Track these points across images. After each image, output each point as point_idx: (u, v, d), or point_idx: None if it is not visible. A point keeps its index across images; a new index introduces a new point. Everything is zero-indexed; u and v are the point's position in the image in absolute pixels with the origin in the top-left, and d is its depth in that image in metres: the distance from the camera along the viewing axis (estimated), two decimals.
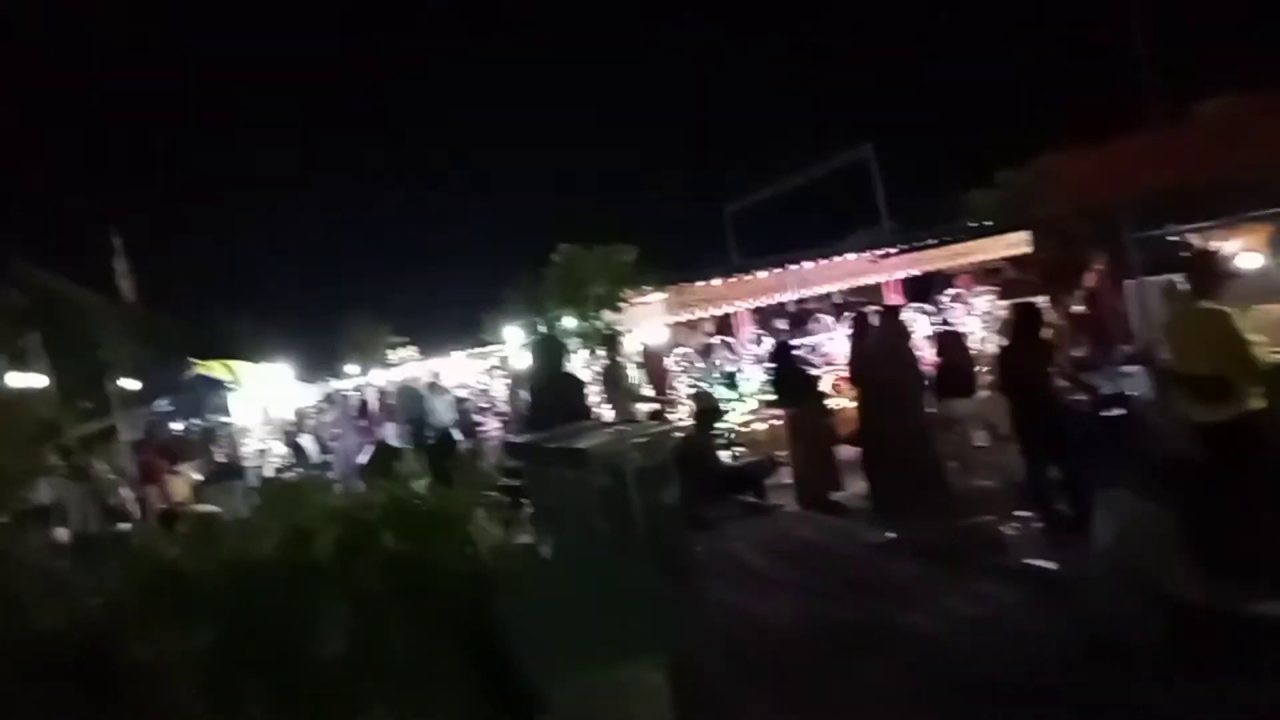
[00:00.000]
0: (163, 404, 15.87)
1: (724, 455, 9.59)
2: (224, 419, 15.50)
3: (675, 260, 11.69)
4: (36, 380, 18.32)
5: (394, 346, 47.02)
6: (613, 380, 10.29)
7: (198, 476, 12.89)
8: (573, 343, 12.20)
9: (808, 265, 10.81)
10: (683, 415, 10.11)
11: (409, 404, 17.63)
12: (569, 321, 13.97)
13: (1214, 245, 6.28)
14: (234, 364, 16.65)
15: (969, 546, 6.05)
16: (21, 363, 19.89)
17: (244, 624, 2.46)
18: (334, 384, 38.30)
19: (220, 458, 14.03)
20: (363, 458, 9.74)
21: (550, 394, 6.05)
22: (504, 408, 19.39)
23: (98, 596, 2.96)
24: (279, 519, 3.15)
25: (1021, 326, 6.71)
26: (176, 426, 16.01)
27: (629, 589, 3.01)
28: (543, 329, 10.80)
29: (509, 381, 17.74)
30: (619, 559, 3.39)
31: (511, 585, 2.59)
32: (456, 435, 17.31)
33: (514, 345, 22.79)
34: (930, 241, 11.59)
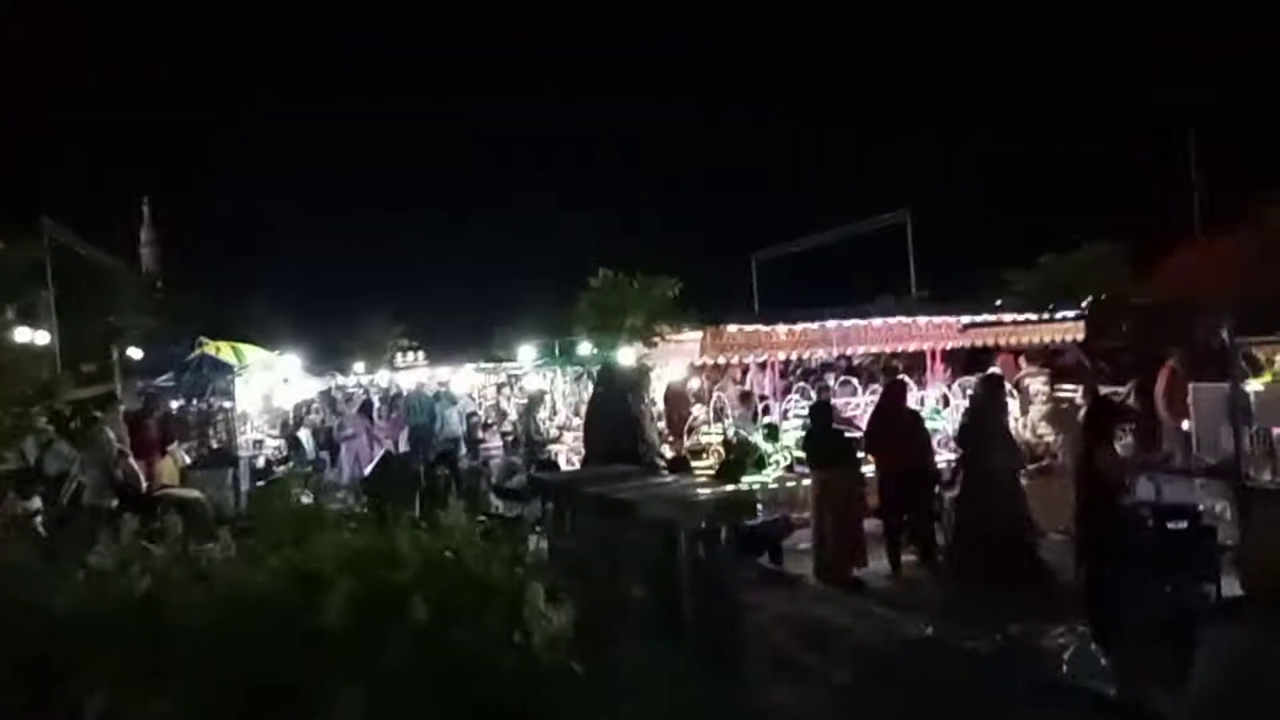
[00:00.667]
0: (164, 379, 15.39)
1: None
2: (224, 403, 15.00)
3: (697, 301, 11.22)
4: (41, 338, 17.91)
5: (404, 350, 46.74)
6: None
7: (187, 459, 12.34)
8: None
9: (849, 323, 10.33)
10: (710, 463, 9.57)
11: (419, 410, 17.07)
12: (585, 348, 13.52)
13: None
14: (243, 348, 16.22)
15: (1018, 658, 5.48)
16: (31, 319, 19.52)
17: (225, 693, 1.96)
18: (340, 379, 37.90)
19: (214, 443, 13.52)
20: (368, 465, 9.24)
21: (605, 428, 5.53)
22: (509, 427, 18.86)
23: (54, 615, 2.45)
24: (281, 546, 2.64)
25: (1099, 420, 6.18)
26: (174, 405, 15.50)
27: (673, 688, 2.48)
28: (608, 357, 10.33)
29: (522, 401, 17.17)
30: (663, 649, 2.87)
31: (566, 688, 2.08)
32: (461, 450, 16.81)
33: (529, 364, 22.32)
34: (1001, 317, 11.14)
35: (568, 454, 13.77)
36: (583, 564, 3.88)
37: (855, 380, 12.02)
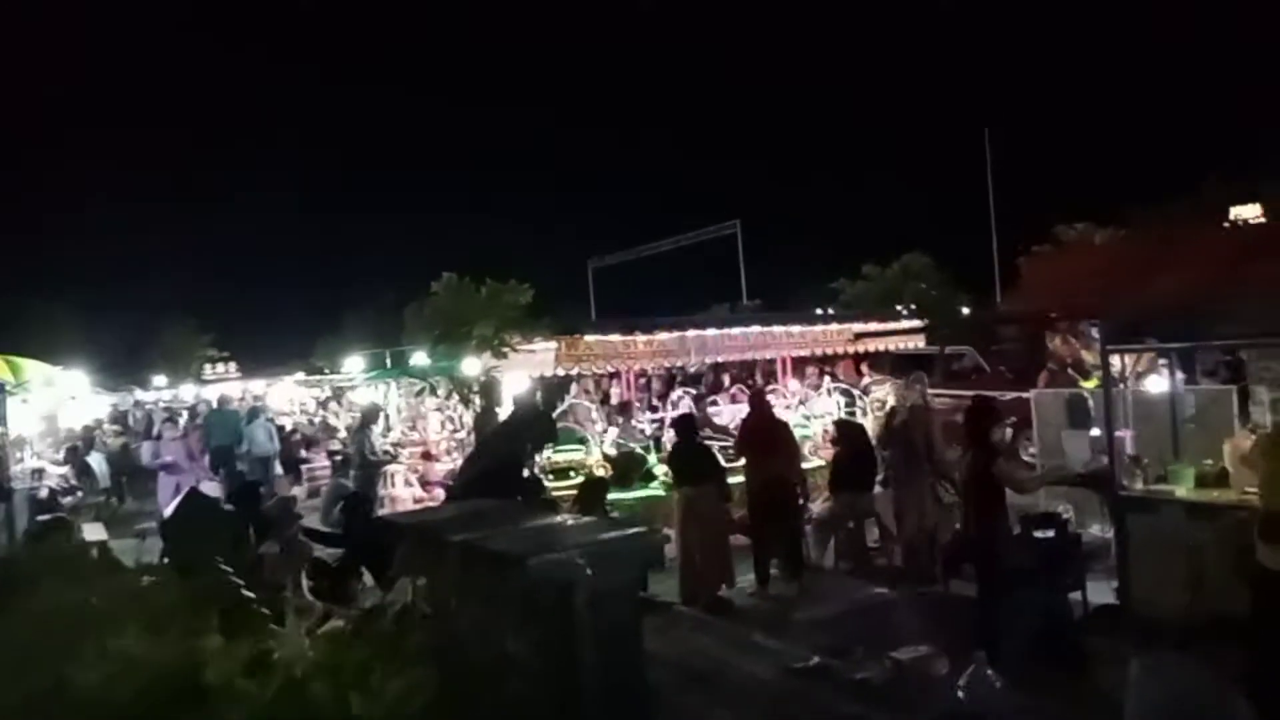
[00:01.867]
0: None
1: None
2: None
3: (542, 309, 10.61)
4: None
5: (212, 361, 43.00)
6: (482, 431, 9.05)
7: None
8: (438, 383, 10.86)
9: (711, 332, 10.02)
10: (574, 483, 8.92)
11: (220, 427, 15.13)
12: (420, 358, 12.55)
13: None
14: (19, 361, 14.04)
15: (912, 687, 5.19)
16: None
17: None
18: (139, 394, 34.43)
19: None
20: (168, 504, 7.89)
21: (488, 457, 4.78)
22: (337, 445, 17.42)
23: None
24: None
25: (976, 423, 6.05)
26: None
27: None
28: (489, 372, 9.43)
29: (354, 416, 15.88)
30: None
31: None
32: (277, 469, 15.11)
33: (359, 376, 20.82)
34: (893, 325, 11.21)
35: (405, 475, 12.76)
36: (454, 628, 3.17)
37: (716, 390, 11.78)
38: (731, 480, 8.50)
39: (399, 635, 2.31)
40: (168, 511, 6.74)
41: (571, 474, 9.05)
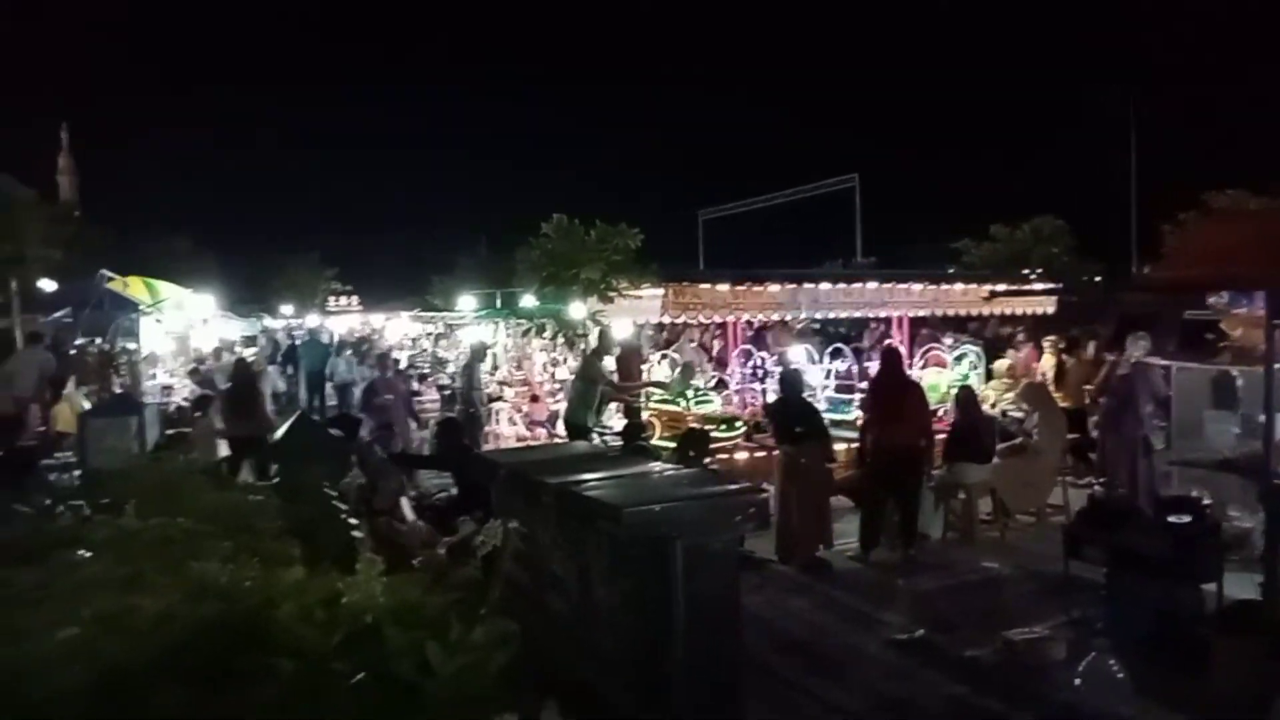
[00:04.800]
0: (60, 315, 13.95)
1: None
2: (130, 344, 13.65)
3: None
4: None
5: (336, 294, 44.84)
6: (589, 378, 8.92)
7: (86, 404, 11.10)
8: (545, 325, 10.85)
9: (825, 286, 9.60)
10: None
11: (311, 356, 15.88)
12: (529, 300, 12.55)
13: None
14: (157, 284, 14.83)
15: (1025, 671, 4.86)
16: None
17: None
18: (266, 321, 36.15)
19: (117, 387, 12.23)
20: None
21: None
22: (446, 380, 17.81)
23: None
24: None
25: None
26: (78, 343, 14.08)
27: None
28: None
29: (463, 353, 16.12)
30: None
31: None
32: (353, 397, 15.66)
33: (470, 315, 21.18)
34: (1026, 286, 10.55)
35: (510, 413, 12.89)
36: (539, 585, 3.05)
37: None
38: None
39: (483, 581, 2.16)
40: (278, 433, 6.91)
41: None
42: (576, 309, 10.06)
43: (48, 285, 15.77)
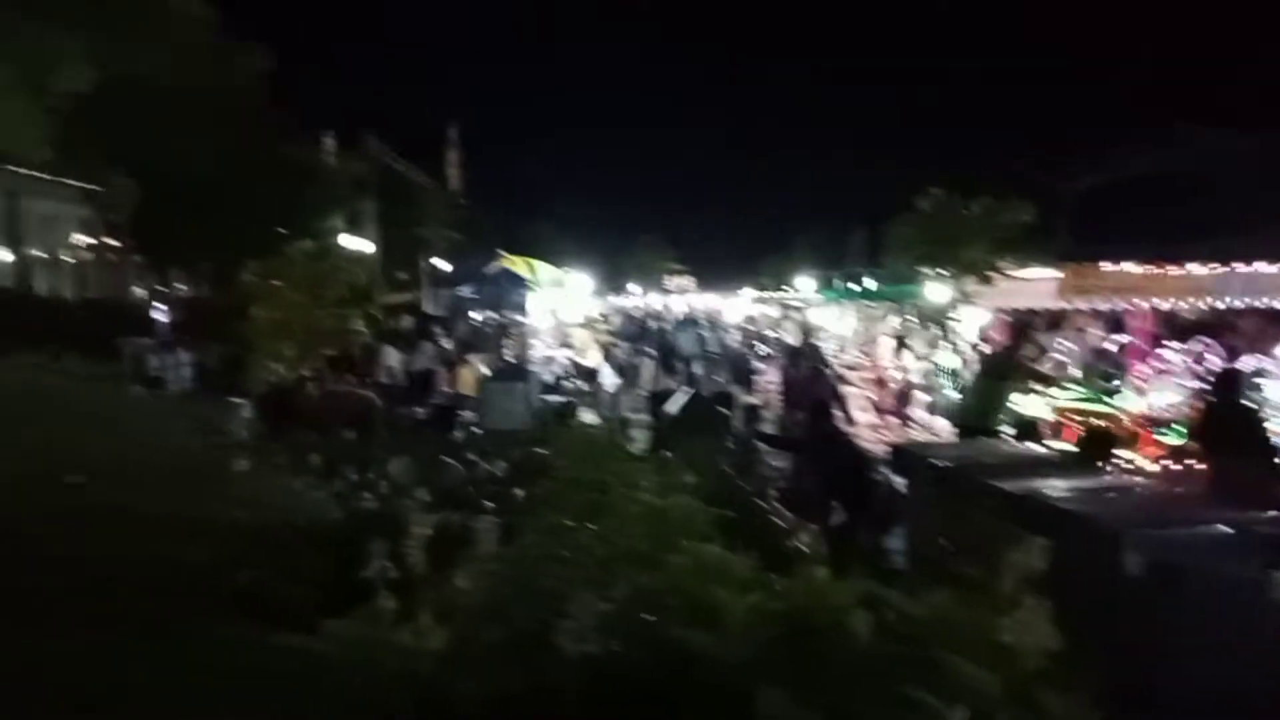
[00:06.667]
0: (465, 290, 15.89)
1: None
2: (519, 317, 15.21)
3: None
4: (364, 245, 19.24)
5: (675, 274, 47.20)
6: (1001, 375, 7.85)
7: (485, 371, 12.53)
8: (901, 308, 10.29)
9: (1269, 268, 8.02)
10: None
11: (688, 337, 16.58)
12: (870, 281, 11.93)
13: None
14: (536, 263, 16.38)
15: None
16: (356, 227, 21.23)
17: None
18: (614, 300, 38.83)
19: (509, 356, 13.65)
20: (671, 405, 8.36)
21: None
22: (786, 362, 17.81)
23: None
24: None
25: None
26: (475, 316, 15.99)
27: None
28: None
29: (808, 335, 15.96)
30: None
31: None
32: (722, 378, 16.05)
33: (812, 295, 20.97)
34: None
35: (859, 399, 12.51)
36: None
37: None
38: None
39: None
40: (673, 408, 7.18)
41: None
42: (936, 291, 9.39)
43: (443, 265, 18.15)
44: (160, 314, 16.85)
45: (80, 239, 20.75)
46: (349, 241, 18.15)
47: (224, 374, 12.37)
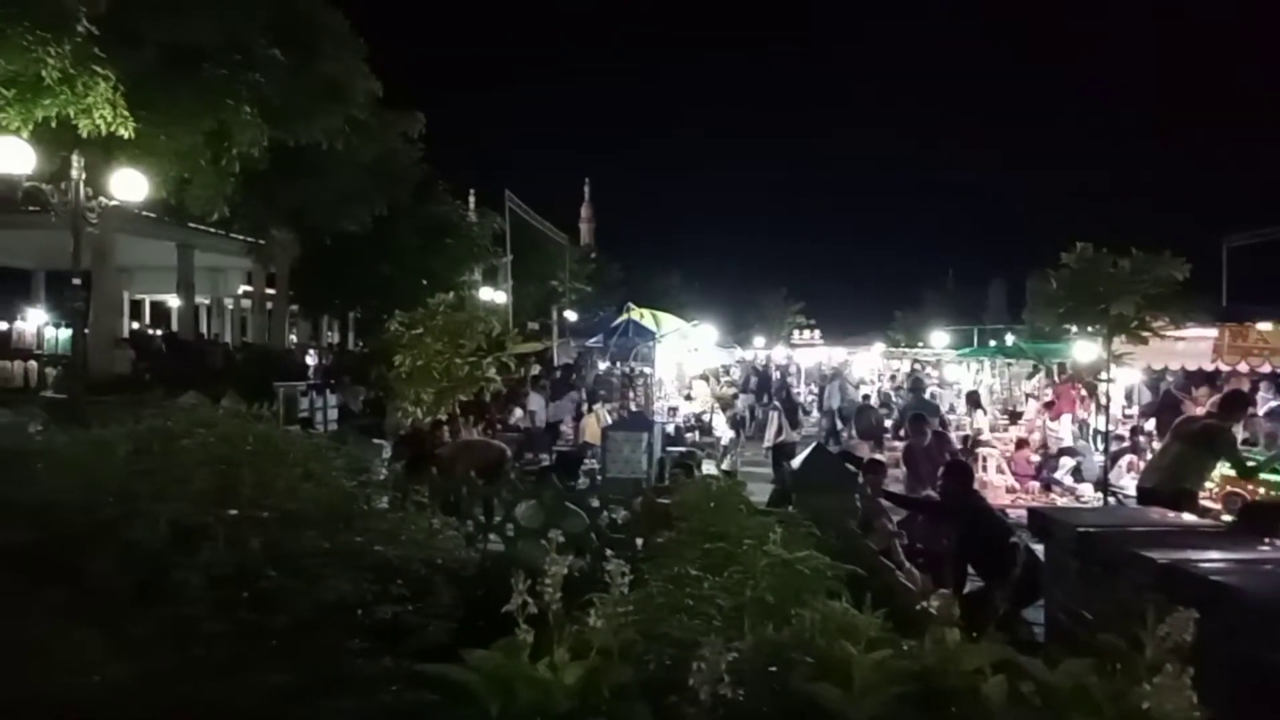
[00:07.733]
0: (593, 340, 16.27)
1: None
2: (644, 368, 15.44)
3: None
4: (498, 297, 20.07)
5: (800, 328, 46.76)
6: (1209, 447, 6.77)
7: (609, 419, 12.74)
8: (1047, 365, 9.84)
9: None
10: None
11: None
12: (1009, 338, 11.43)
13: None
14: (661, 315, 16.65)
15: None
16: (492, 279, 22.15)
17: None
18: (738, 353, 38.74)
19: (633, 405, 13.87)
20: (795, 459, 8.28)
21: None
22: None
23: None
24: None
25: None
26: (602, 365, 16.33)
27: None
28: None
29: (947, 392, 15.53)
30: None
31: None
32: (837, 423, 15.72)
33: (945, 351, 20.33)
34: None
35: (998, 460, 11.99)
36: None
37: None
38: None
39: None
40: (796, 462, 7.11)
41: None
42: (1084, 349, 8.94)
43: (570, 315, 18.63)
44: (311, 358, 18.03)
45: (243, 288, 22.56)
46: (486, 293, 18.94)
47: (366, 416, 13.10)
